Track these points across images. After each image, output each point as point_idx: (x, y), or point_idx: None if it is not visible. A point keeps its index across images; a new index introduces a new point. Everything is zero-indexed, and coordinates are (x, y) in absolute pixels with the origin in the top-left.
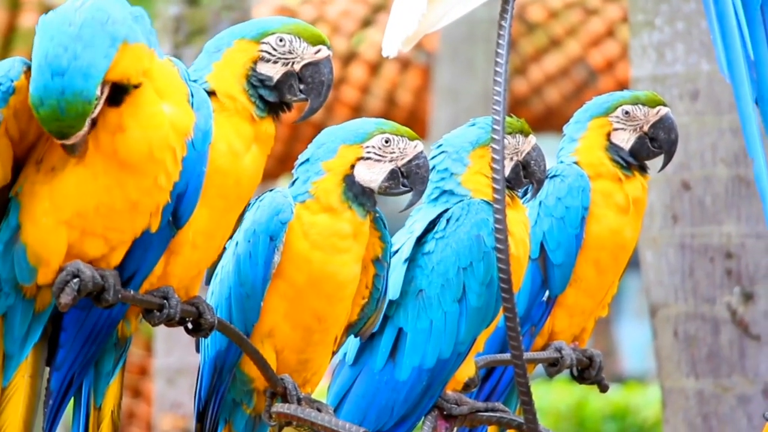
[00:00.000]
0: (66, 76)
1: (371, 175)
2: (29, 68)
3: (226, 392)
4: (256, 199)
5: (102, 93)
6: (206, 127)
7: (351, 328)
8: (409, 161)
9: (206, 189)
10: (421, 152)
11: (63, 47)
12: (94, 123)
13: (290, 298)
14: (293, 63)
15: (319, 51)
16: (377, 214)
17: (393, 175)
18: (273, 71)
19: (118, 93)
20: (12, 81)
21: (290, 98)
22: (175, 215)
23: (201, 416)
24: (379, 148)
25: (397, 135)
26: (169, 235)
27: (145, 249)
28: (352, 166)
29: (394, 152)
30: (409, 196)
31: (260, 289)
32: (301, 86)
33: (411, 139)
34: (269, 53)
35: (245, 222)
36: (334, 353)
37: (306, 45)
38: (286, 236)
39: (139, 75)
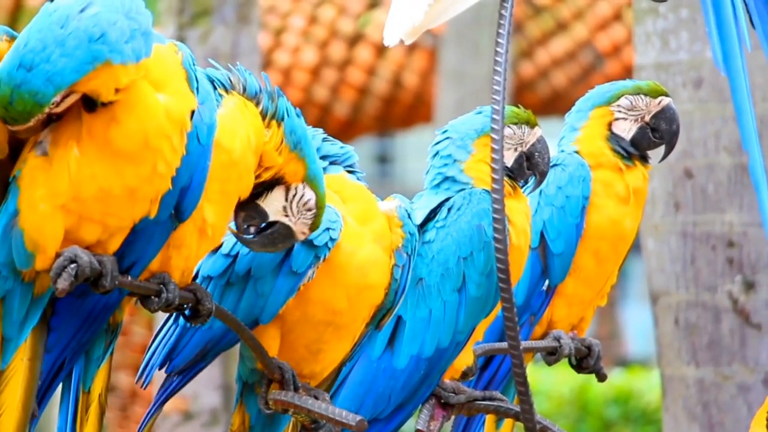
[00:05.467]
0: (30, 72)
1: None
2: (13, 39)
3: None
4: None
5: (65, 99)
6: (210, 120)
7: (370, 320)
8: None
9: (210, 183)
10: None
11: (43, 44)
12: (50, 120)
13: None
14: None
15: None
16: (401, 204)
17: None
18: None
19: (93, 102)
20: None
21: None
22: (178, 209)
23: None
24: None
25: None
26: (171, 228)
27: (147, 241)
28: None
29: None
30: None
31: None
32: None
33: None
34: None
35: None
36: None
37: None
38: None
39: (110, 95)
